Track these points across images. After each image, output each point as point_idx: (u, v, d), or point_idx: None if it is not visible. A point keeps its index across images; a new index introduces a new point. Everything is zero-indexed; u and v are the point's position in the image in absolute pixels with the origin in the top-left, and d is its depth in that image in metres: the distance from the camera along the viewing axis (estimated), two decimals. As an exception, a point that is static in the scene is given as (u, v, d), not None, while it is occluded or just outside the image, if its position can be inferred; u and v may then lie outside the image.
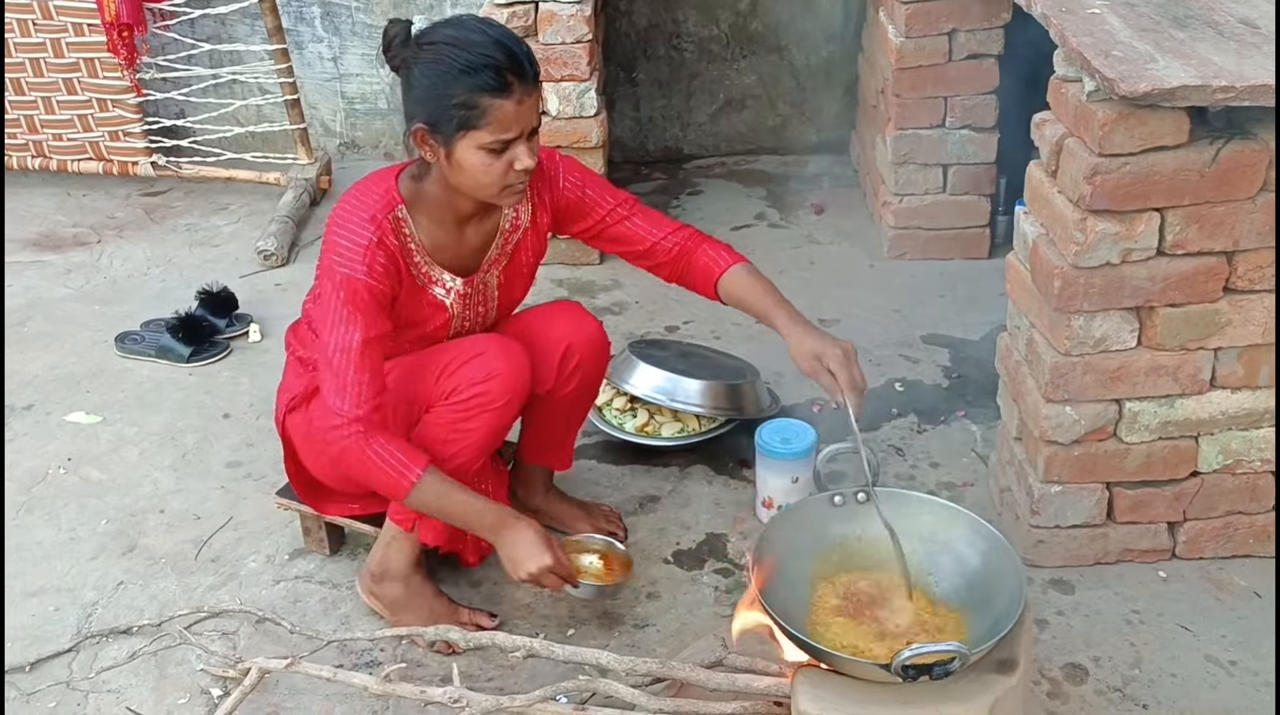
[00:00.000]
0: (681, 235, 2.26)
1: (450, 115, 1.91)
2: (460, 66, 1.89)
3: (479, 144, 1.93)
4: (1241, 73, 1.91)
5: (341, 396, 1.97)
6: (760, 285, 2.21)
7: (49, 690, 2.14)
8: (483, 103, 1.89)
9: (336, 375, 1.97)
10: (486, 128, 1.91)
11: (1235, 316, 2.13)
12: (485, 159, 1.94)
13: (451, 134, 1.93)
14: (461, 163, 1.96)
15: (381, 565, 2.22)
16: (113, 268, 3.67)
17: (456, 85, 1.89)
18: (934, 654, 1.57)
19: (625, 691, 1.87)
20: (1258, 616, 2.22)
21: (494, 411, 2.08)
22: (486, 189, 1.99)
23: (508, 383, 2.07)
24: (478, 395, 2.05)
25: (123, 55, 3.79)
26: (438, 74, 1.91)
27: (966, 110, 3.37)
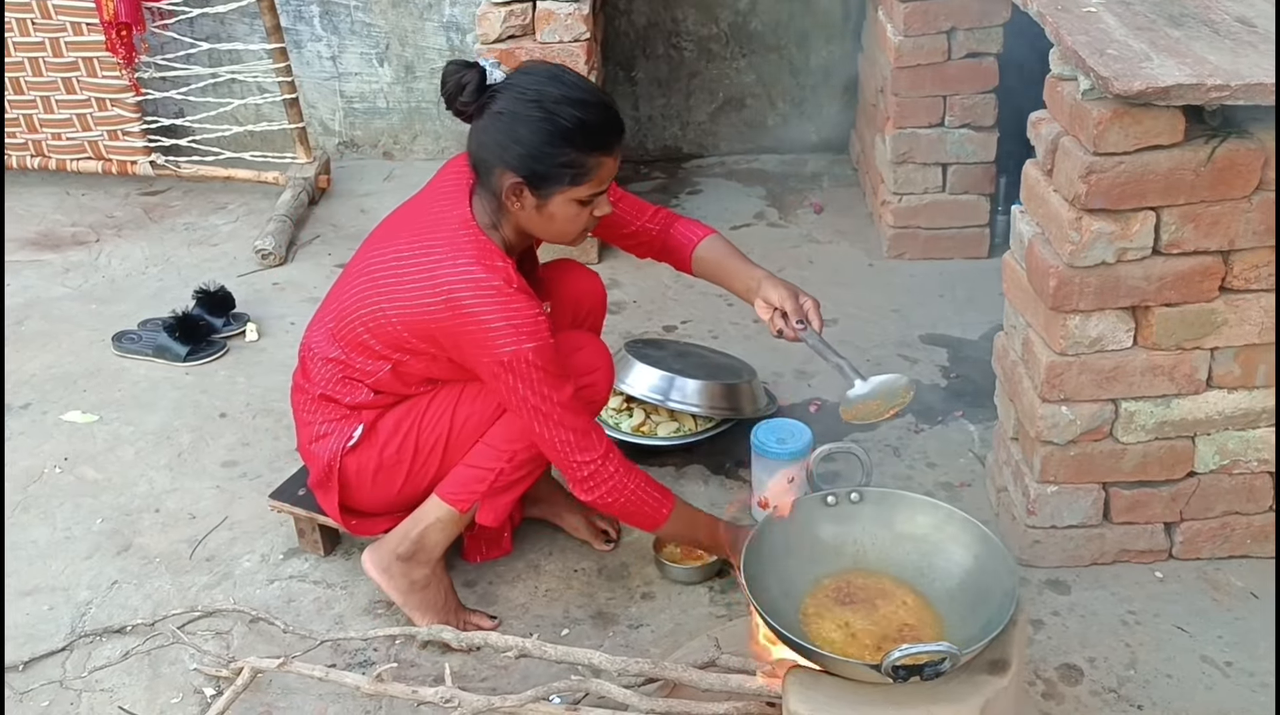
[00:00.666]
0: (660, 217, 2.34)
1: (558, 174, 1.94)
2: (573, 126, 1.91)
3: (575, 198, 1.98)
4: (1237, 71, 1.90)
5: (584, 442, 2.03)
6: (726, 249, 2.28)
7: (42, 689, 2.14)
8: (591, 162, 1.95)
9: (573, 427, 2.02)
10: (587, 184, 1.96)
11: (1232, 316, 2.12)
12: (576, 210, 2.00)
13: (553, 191, 1.96)
14: (554, 214, 2.00)
15: (415, 546, 2.18)
16: (111, 267, 3.67)
17: (569, 145, 1.92)
18: (924, 654, 1.56)
19: (617, 692, 1.87)
20: (1255, 617, 2.21)
21: (597, 404, 2.20)
22: (568, 236, 2.06)
23: (608, 376, 2.20)
24: (586, 387, 2.11)
25: (121, 54, 3.79)
26: (549, 133, 1.91)
27: (966, 109, 3.36)
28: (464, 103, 1.95)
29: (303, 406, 2.22)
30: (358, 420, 2.16)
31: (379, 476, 2.18)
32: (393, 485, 2.19)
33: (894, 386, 2.09)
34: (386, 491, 2.20)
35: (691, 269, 2.32)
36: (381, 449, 2.15)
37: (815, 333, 2.12)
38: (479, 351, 1.98)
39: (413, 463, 2.16)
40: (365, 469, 2.17)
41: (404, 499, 2.22)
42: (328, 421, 2.18)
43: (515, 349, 1.94)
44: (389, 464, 2.16)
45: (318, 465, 2.20)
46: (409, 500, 2.21)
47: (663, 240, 2.32)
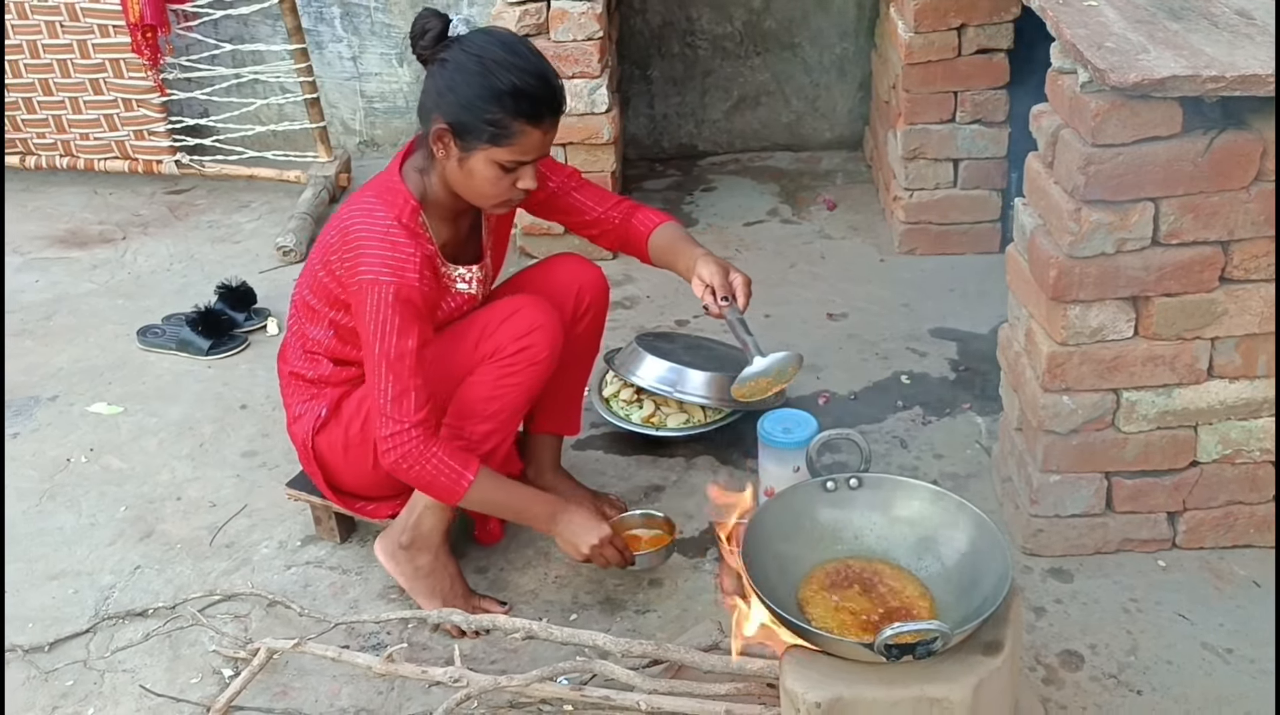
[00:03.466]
0: (623, 207, 2.37)
1: (480, 129, 2.00)
2: (505, 88, 1.97)
3: (495, 159, 2.03)
4: (1233, 63, 1.93)
5: (399, 403, 2.03)
6: (676, 234, 2.33)
7: (67, 669, 2.21)
8: (515, 127, 1.99)
9: (394, 381, 2.02)
10: (509, 148, 2.01)
11: (1232, 306, 2.14)
12: (496, 173, 2.05)
13: (474, 145, 2.02)
14: (473, 171, 2.05)
15: (413, 533, 2.25)
16: (136, 263, 3.75)
17: (496, 104, 1.98)
18: (915, 633, 1.59)
19: (622, 673, 1.91)
20: (1256, 606, 2.23)
21: (540, 364, 2.17)
22: (485, 199, 2.11)
23: (549, 334, 2.16)
24: (523, 349, 2.12)
25: (147, 56, 3.87)
26: (481, 88, 1.98)
27: (976, 105, 3.38)
28: (423, 47, 2.04)
29: (284, 389, 2.34)
30: (323, 400, 2.25)
31: (349, 455, 2.25)
32: (364, 463, 2.24)
33: (785, 364, 2.16)
34: (361, 470, 2.26)
35: (649, 256, 2.36)
36: (346, 428, 2.24)
37: (736, 309, 2.17)
38: (349, 275, 2.04)
39: None
40: (335, 448, 2.26)
41: (386, 476, 2.23)
42: (301, 402, 2.29)
43: (374, 278, 2.00)
44: (354, 442, 2.23)
45: (297, 446, 2.32)
46: (389, 479, 2.24)
47: (624, 230, 2.36)
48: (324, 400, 2.26)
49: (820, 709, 1.63)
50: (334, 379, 2.26)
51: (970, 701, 1.63)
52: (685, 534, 2.52)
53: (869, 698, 1.64)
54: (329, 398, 2.26)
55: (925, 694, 1.63)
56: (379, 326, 2.01)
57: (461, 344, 2.18)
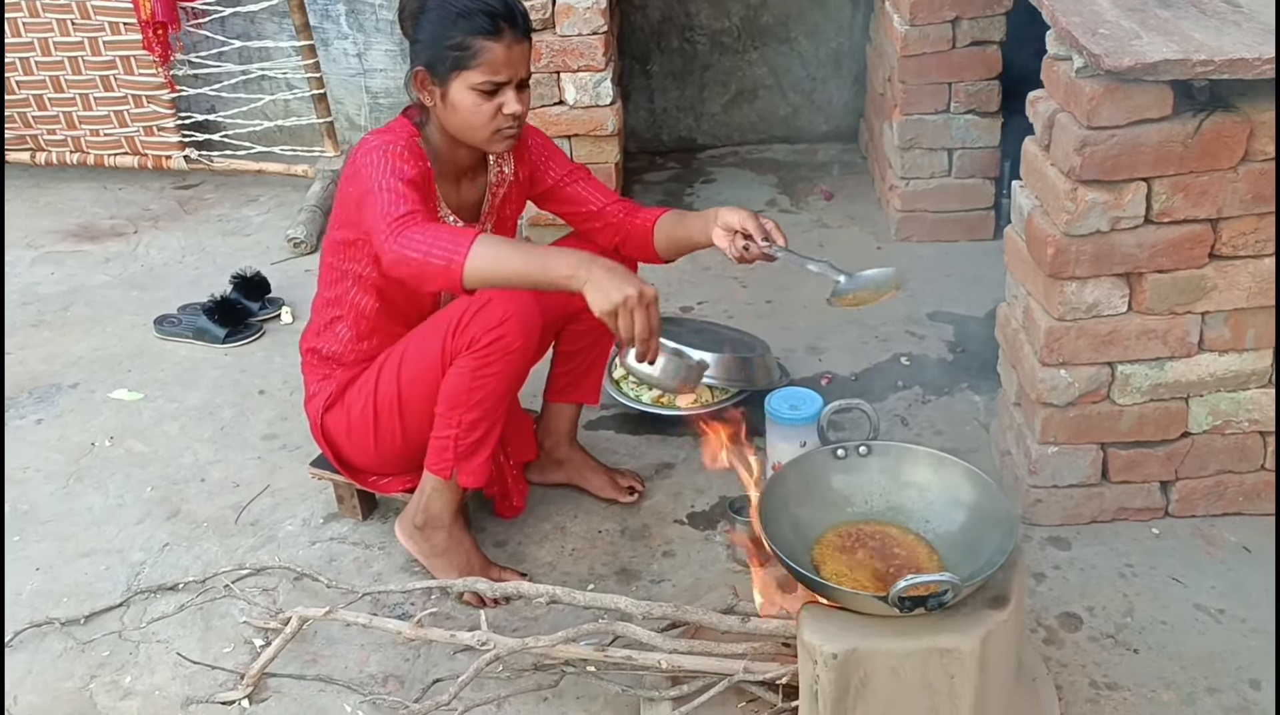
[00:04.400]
0: (624, 204, 2.44)
1: (445, 57, 2.09)
2: (457, 11, 2.07)
3: (471, 84, 2.09)
4: (1221, 47, 2.02)
5: (388, 208, 1.97)
6: (680, 213, 2.39)
7: (103, 639, 2.28)
8: (475, 44, 2.07)
9: (382, 195, 2.00)
10: (478, 68, 2.08)
11: (1221, 281, 2.24)
12: (476, 100, 2.10)
13: (446, 74, 2.10)
14: (455, 103, 2.12)
15: (424, 513, 2.34)
16: (149, 256, 3.82)
17: (453, 29, 2.07)
18: (928, 584, 1.68)
19: (643, 634, 1.99)
20: (1246, 568, 2.33)
21: (514, 353, 2.18)
22: (478, 131, 2.14)
23: (522, 322, 2.17)
24: (496, 339, 2.16)
25: (157, 53, 3.94)
26: (438, 20, 2.09)
27: (970, 96, 3.48)
28: (403, 21, 2.16)
29: (304, 366, 2.44)
30: (333, 381, 2.35)
31: (353, 436, 2.36)
32: (368, 444, 2.35)
33: (883, 279, 2.17)
34: (366, 450, 2.37)
35: (654, 244, 2.39)
36: (349, 410, 2.34)
37: (784, 247, 2.19)
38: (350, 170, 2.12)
39: (376, 424, 2.32)
40: (340, 429, 2.37)
41: (388, 457, 2.37)
42: (316, 381, 2.39)
43: (365, 149, 2.10)
44: (357, 425, 2.34)
45: (310, 422, 2.42)
46: (393, 458, 2.36)
47: (627, 223, 2.41)
48: (334, 381, 2.36)
49: (836, 660, 1.72)
50: (347, 357, 2.34)
51: (979, 652, 1.72)
52: (696, 508, 2.60)
53: (883, 649, 1.73)
54: (339, 380, 2.35)
55: (936, 645, 1.73)
56: (369, 168, 2.05)
57: (437, 335, 2.23)
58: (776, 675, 1.92)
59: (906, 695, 1.74)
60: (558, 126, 3.55)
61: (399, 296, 2.27)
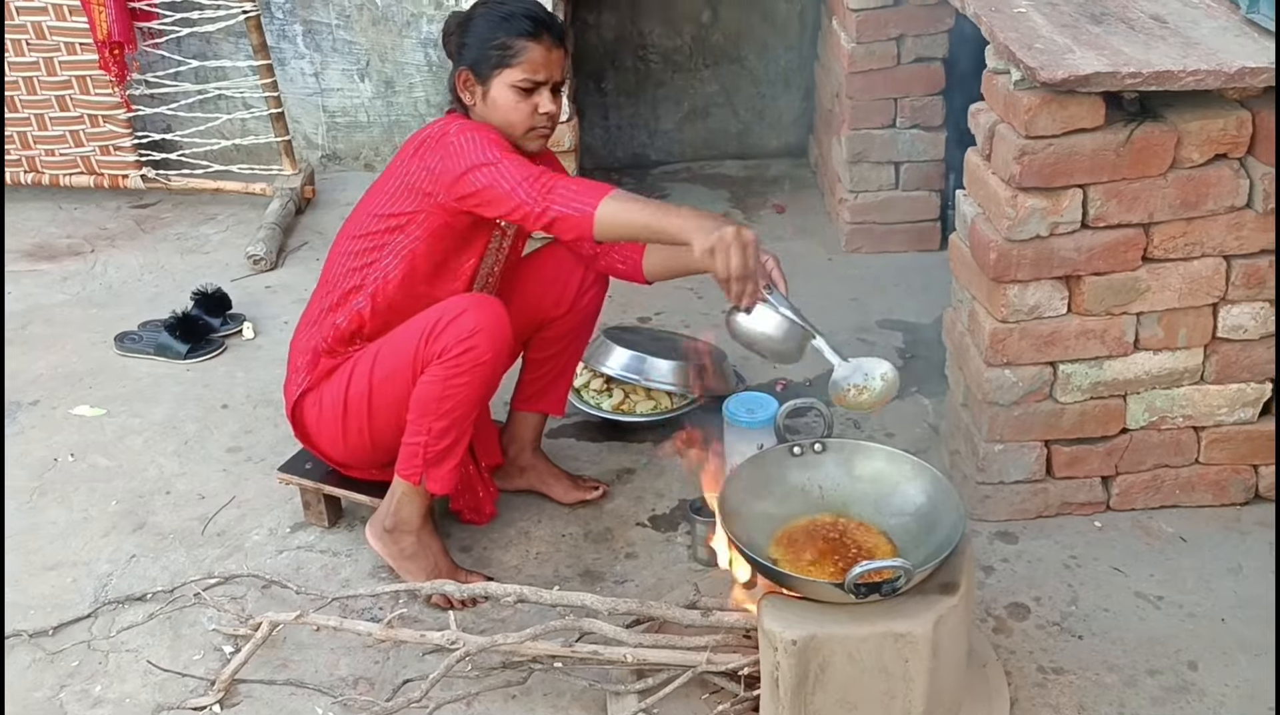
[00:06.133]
0: None
1: (489, 56, 2.27)
2: (501, 15, 2.28)
3: (511, 82, 2.26)
4: (1148, 61, 2.14)
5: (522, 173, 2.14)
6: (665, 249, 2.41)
7: (72, 650, 2.30)
8: (517, 44, 2.26)
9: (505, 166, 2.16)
10: (519, 67, 2.26)
11: (1154, 283, 2.35)
12: (515, 97, 2.27)
13: (489, 73, 2.27)
14: (495, 99, 2.28)
15: (394, 519, 2.39)
16: (107, 275, 3.82)
17: (498, 30, 2.27)
18: (882, 571, 1.76)
19: (610, 629, 2.06)
20: (1183, 557, 2.44)
21: (484, 365, 2.25)
22: (515, 128, 2.30)
23: (493, 335, 2.24)
24: (467, 351, 2.22)
25: (114, 72, 3.95)
26: (484, 24, 2.28)
27: (915, 110, 3.59)
28: (446, 41, 2.34)
29: (291, 351, 2.49)
30: (317, 370, 2.41)
31: (322, 427, 2.43)
32: (336, 436, 2.42)
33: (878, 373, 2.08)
34: (334, 441, 2.43)
35: (643, 266, 2.48)
36: (321, 399, 2.41)
37: (782, 296, 2.07)
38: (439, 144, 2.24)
39: (345, 417, 2.39)
40: (311, 417, 2.44)
41: (354, 452, 2.44)
42: (297, 369, 2.45)
43: (460, 124, 2.26)
44: (328, 416, 2.41)
45: (286, 407, 2.50)
46: (360, 453, 2.44)
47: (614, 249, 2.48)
48: (317, 371, 2.42)
49: (796, 646, 1.80)
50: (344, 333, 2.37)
51: (931, 635, 1.81)
52: (657, 511, 2.67)
53: (840, 634, 1.81)
54: (322, 368, 2.41)
55: (891, 629, 1.81)
56: (473, 148, 2.19)
57: (412, 341, 2.29)
58: (738, 665, 1.99)
59: (863, 679, 1.82)
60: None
61: (426, 266, 2.34)
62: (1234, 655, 2.19)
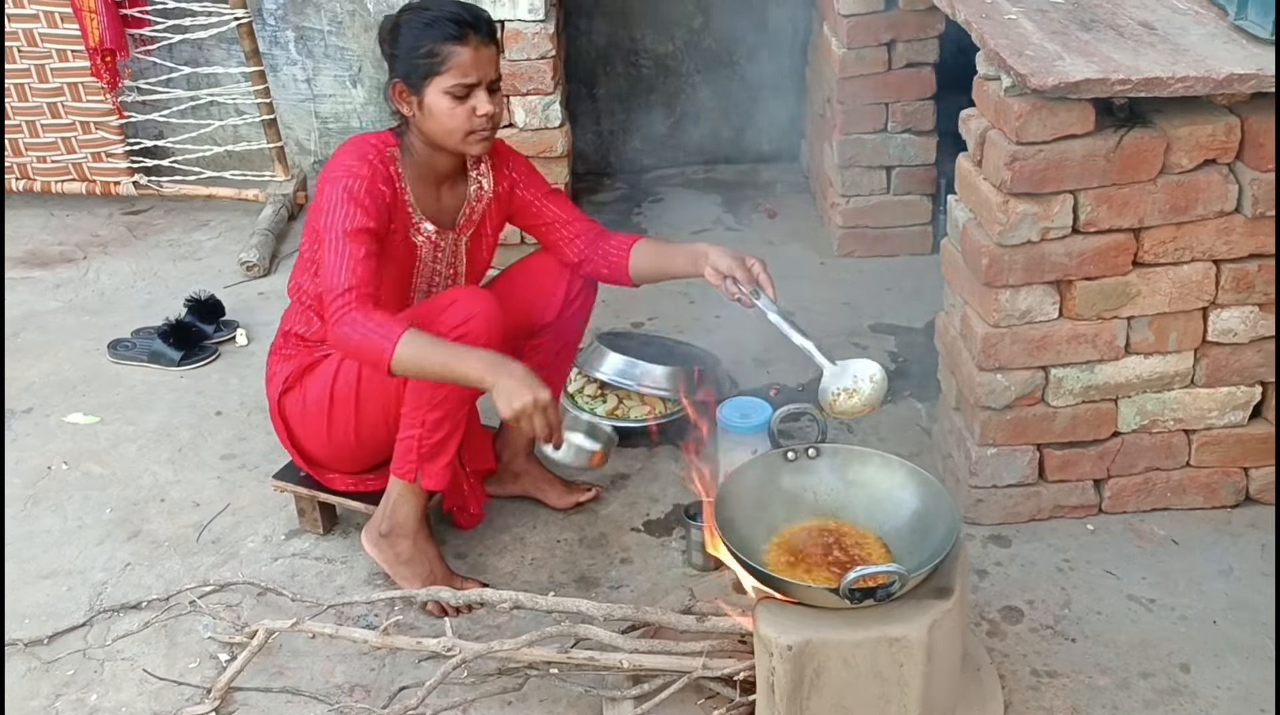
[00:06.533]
0: (594, 225, 2.53)
1: (418, 65, 2.22)
2: (425, 22, 2.23)
3: (444, 88, 2.22)
4: (1137, 68, 2.16)
5: (337, 273, 2.16)
6: (660, 244, 2.50)
7: (68, 658, 2.30)
8: (444, 49, 2.21)
9: (334, 254, 2.18)
10: (448, 72, 2.21)
11: (1144, 287, 2.37)
12: (450, 103, 2.23)
13: (421, 82, 2.23)
14: (431, 108, 2.24)
15: (389, 522, 2.39)
16: (100, 281, 3.82)
17: (424, 38, 2.22)
18: (876, 576, 1.77)
19: (605, 635, 2.06)
20: (1175, 560, 2.45)
21: None
22: (454, 134, 2.26)
23: (486, 322, 2.24)
24: (460, 337, 2.21)
25: (105, 79, 3.95)
26: (409, 33, 2.24)
27: (906, 115, 3.61)
28: (382, 44, 2.30)
29: (272, 351, 2.50)
30: (294, 363, 2.42)
31: (307, 421, 2.43)
32: (321, 431, 2.41)
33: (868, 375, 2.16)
34: (319, 437, 2.43)
35: (628, 271, 2.48)
36: (305, 394, 2.41)
37: (771, 302, 2.23)
38: (319, 185, 2.25)
39: (331, 412, 2.39)
40: (295, 413, 2.44)
41: (339, 448, 2.43)
42: (279, 362, 2.46)
43: (329, 176, 2.24)
44: (312, 411, 2.40)
45: (269, 408, 2.50)
46: (345, 450, 2.43)
47: (595, 246, 2.48)
48: (294, 363, 2.43)
49: (791, 651, 1.81)
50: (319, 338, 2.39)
51: (926, 640, 1.82)
52: (652, 516, 2.68)
53: (835, 639, 1.82)
54: (299, 362, 2.42)
55: (886, 634, 1.82)
56: (330, 207, 2.22)
57: None
58: (734, 670, 2.00)
59: (858, 683, 1.83)
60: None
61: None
62: (1225, 657, 2.20)
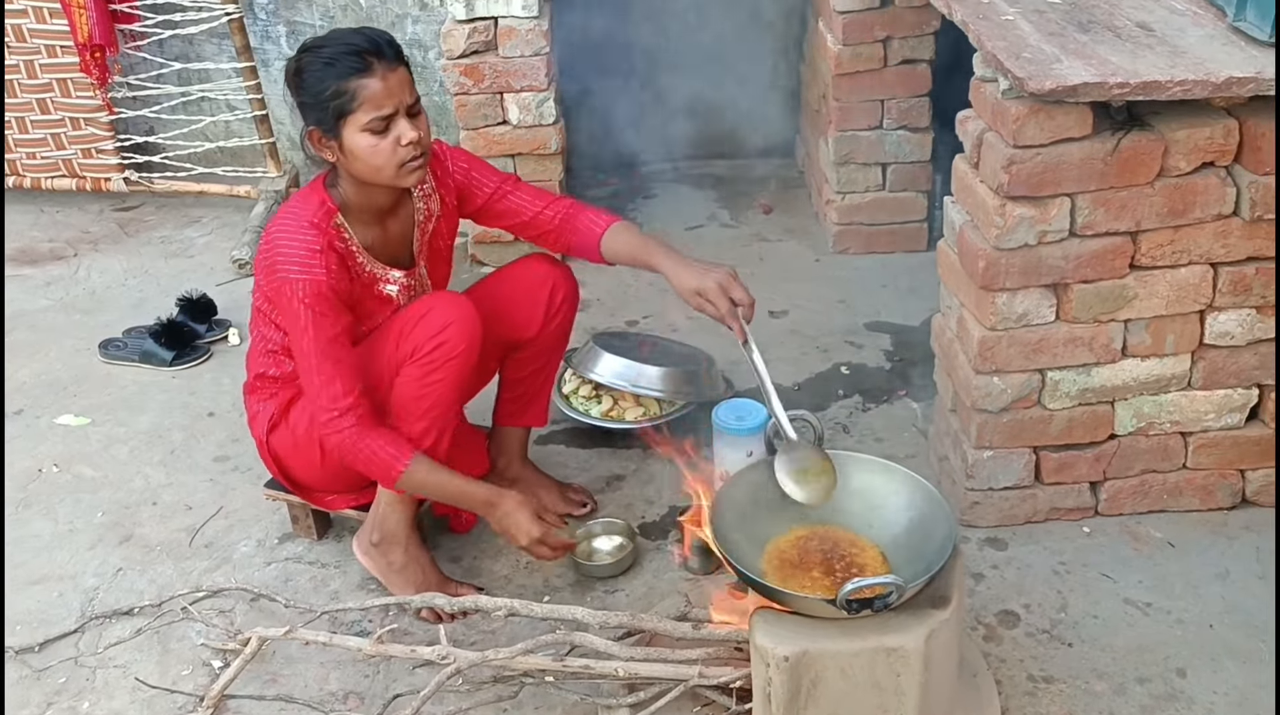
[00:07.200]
0: (561, 205, 2.43)
1: (328, 108, 2.09)
2: (324, 61, 2.09)
3: (361, 126, 2.09)
4: (1135, 70, 2.14)
5: (328, 389, 2.16)
6: (637, 236, 2.38)
7: (59, 666, 2.28)
8: (351, 86, 2.07)
9: (318, 372, 2.16)
10: (361, 108, 2.08)
11: (1141, 290, 2.36)
12: (371, 140, 2.10)
13: (335, 124, 2.10)
14: (353, 150, 2.12)
15: (380, 531, 2.38)
16: (91, 279, 3.80)
17: (327, 79, 2.08)
18: (874, 587, 1.76)
19: (600, 643, 2.05)
20: (1171, 563, 2.44)
21: (457, 358, 2.23)
22: (384, 170, 2.14)
23: (464, 328, 2.22)
24: (439, 346, 2.20)
25: (95, 75, 3.92)
26: (311, 77, 2.10)
27: (902, 112, 3.59)
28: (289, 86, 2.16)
29: (246, 388, 2.47)
30: (276, 401, 2.38)
31: (299, 453, 2.38)
32: (314, 460, 2.37)
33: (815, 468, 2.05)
34: (312, 466, 2.39)
35: (600, 255, 2.40)
36: (294, 429, 2.37)
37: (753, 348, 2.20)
38: (269, 277, 2.17)
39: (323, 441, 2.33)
40: (286, 447, 2.39)
41: (334, 472, 2.38)
42: (258, 402, 2.42)
43: (285, 277, 2.14)
44: (303, 442, 2.36)
45: (256, 443, 2.45)
46: (339, 473, 2.38)
47: (567, 231, 2.42)
48: (276, 401, 2.39)
49: (788, 662, 1.80)
50: (293, 376, 2.36)
51: (923, 650, 1.81)
52: (647, 518, 2.67)
53: (832, 650, 1.81)
54: (281, 399, 2.38)
55: (883, 644, 1.81)
56: (297, 321, 2.15)
57: (383, 347, 2.28)
58: (730, 679, 1.99)
59: (855, 694, 1.82)
60: (502, 146, 3.60)
61: None
62: (1222, 662, 2.20)
